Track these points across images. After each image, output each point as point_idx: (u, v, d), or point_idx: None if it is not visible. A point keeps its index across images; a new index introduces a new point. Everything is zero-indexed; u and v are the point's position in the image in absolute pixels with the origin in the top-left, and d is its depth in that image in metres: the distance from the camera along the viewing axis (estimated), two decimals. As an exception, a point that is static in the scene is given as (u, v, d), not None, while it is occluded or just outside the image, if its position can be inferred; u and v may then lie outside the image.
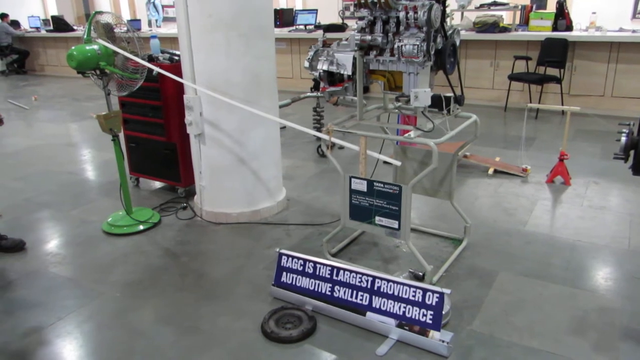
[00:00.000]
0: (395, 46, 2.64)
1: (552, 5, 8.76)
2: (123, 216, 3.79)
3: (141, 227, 3.73)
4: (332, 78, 2.96)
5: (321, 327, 2.58)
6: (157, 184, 4.63)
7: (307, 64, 2.98)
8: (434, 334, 2.36)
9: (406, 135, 2.83)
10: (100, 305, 2.85)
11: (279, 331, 2.52)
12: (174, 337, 2.56)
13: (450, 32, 2.74)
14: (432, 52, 2.64)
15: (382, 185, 2.86)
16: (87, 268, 3.25)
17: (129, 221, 3.74)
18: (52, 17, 12.60)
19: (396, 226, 2.88)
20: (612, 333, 2.48)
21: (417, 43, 2.56)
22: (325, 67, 2.91)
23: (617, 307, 2.68)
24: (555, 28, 7.04)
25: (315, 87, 6.34)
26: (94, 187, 4.72)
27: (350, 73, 2.84)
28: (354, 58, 2.81)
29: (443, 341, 2.34)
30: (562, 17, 7.00)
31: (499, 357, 2.34)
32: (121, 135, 3.79)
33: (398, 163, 3.21)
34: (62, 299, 2.92)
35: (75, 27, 12.16)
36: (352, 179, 2.96)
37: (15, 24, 12.29)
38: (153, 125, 4.18)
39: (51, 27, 12.29)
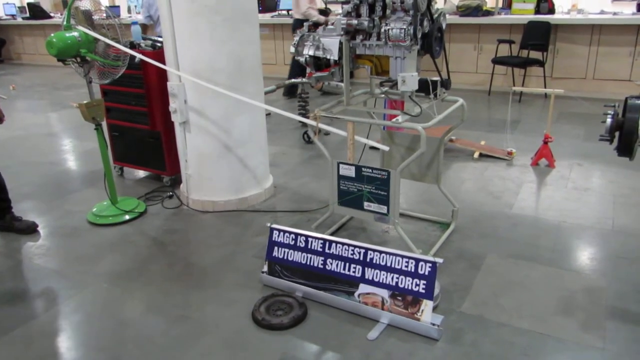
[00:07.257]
0: (382, 30, 2.62)
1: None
2: (108, 206, 3.74)
3: (127, 217, 3.68)
4: (319, 63, 2.93)
5: (312, 314, 2.58)
6: (142, 173, 4.57)
7: (292, 49, 2.95)
8: (424, 316, 2.37)
9: (394, 120, 2.82)
10: (88, 297, 2.82)
11: (270, 318, 2.52)
12: (165, 326, 2.54)
13: (436, 15, 2.72)
14: (419, 36, 2.62)
15: (370, 170, 2.86)
16: (73, 259, 3.21)
17: (114, 211, 3.69)
18: (28, 4, 12.28)
19: (385, 211, 2.88)
20: (599, 312, 2.52)
21: (404, 27, 2.55)
22: (311, 52, 2.89)
23: (603, 287, 2.72)
24: (537, 11, 7.06)
25: (300, 74, 6.29)
26: (77, 177, 4.64)
27: (336, 58, 2.82)
28: (340, 43, 2.78)
29: (434, 324, 2.36)
30: (544, 0, 7.02)
31: (489, 338, 2.37)
32: (104, 124, 3.73)
33: (386, 148, 3.21)
34: (49, 291, 2.88)
35: (52, 14, 11.89)
36: (340, 165, 2.95)
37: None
38: (136, 113, 4.11)
39: (27, 15, 12.00)
